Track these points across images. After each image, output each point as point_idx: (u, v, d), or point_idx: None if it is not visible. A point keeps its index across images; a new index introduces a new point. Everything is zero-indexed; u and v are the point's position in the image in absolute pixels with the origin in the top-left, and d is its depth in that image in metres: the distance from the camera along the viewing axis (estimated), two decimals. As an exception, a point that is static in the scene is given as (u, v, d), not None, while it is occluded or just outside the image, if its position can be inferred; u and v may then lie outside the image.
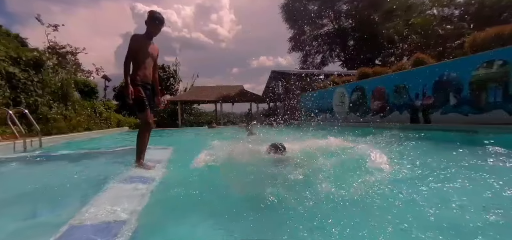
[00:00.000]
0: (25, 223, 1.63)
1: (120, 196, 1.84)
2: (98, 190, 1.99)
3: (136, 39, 2.93)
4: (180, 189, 2.06)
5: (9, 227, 1.53)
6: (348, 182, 1.99)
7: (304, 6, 27.82)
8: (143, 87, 2.93)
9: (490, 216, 1.44)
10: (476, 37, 7.20)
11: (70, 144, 6.56)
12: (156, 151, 4.04)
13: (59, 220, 1.46)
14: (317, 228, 1.40)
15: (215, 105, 21.09)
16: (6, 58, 8.14)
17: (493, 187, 1.85)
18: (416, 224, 1.38)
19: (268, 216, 1.62)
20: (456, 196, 1.73)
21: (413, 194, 1.80)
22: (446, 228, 1.34)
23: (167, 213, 1.73)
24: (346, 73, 17.89)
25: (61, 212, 1.71)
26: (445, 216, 1.48)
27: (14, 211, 1.84)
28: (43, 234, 1.33)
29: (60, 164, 3.61)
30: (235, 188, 2.20)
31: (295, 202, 1.73)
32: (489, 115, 5.95)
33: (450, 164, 2.51)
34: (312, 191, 1.87)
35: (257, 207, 1.70)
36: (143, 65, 2.96)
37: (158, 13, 3.00)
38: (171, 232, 1.45)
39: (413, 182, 2.08)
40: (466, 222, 1.39)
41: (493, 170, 2.38)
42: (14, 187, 2.53)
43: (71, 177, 2.73)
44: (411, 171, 2.33)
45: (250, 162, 2.92)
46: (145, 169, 2.80)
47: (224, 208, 1.77)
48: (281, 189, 1.96)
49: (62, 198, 2.05)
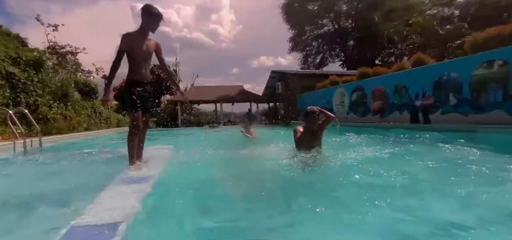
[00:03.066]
0: (24, 223, 1.63)
1: (119, 196, 1.84)
2: (97, 190, 1.99)
3: (127, 38, 2.72)
4: (178, 188, 2.07)
5: (7, 228, 1.53)
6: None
7: (304, 6, 27.84)
8: (140, 87, 2.83)
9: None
10: (476, 37, 7.20)
11: (70, 144, 6.55)
12: (155, 151, 4.03)
13: (57, 220, 1.46)
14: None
15: (215, 105, 21.09)
16: (6, 58, 8.14)
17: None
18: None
19: (267, 214, 1.62)
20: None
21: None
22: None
23: (165, 212, 1.73)
24: (346, 73, 17.88)
25: (59, 213, 1.71)
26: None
27: (13, 211, 1.84)
28: (42, 234, 1.33)
29: (59, 164, 3.61)
30: (231, 187, 2.21)
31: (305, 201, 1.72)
32: (489, 115, 5.95)
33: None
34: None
35: (255, 206, 1.70)
36: (139, 63, 2.81)
37: (155, 7, 2.80)
38: (170, 232, 1.45)
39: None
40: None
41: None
42: (14, 187, 2.52)
43: (70, 177, 2.73)
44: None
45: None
46: (140, 169, 2.72)
47: (222, 207, 1.78)
48: (280, 186, 1.96)
49: (61, 198, 2.05)
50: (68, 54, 19.43)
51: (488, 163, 2.53)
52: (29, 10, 42.32)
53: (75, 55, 19.91)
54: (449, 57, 11.35)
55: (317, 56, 30.93)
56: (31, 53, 9.10)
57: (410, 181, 2.20)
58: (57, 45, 18.77)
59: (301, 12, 27.81)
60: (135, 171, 2.68)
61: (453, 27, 14.59)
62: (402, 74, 8.83)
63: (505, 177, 2.19)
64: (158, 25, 2.89)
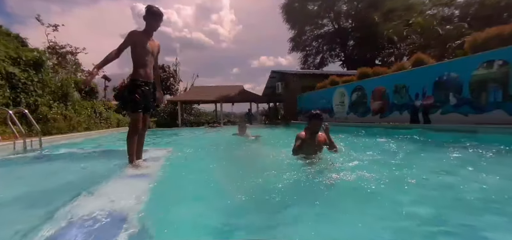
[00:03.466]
0: (23, 224, 1.63)
1: (117, 195, 1.84)
2: (96, 189, 1.99)
3: (134, 34, 2.86)
4: (177, 188, 2.07)
5: (6, 228, 1.53)
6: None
7: (304, 6, 27.85)
8: (143, 86, 2.87)
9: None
10: (476, 37, 7.19)
11: (70, 144, 6.55)
12: (155, 151, 4.03)
13: (57, 219, 1.46)
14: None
15: (215, 105, 21.10)
16: (6, 58, 8.14)
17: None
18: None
19: (265, 213, 1.62)
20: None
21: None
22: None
23: (164, 211, 1.73)
24: (346, 73, 17.88)
25: (59, 212, 1.71)
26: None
27: (13, 211, 1.84)
28: (41, 233, 1.33)
29: (59, 164, 3.61)
30: (231, 185, 2.21)
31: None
32: (489, 115, 5.95)
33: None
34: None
35: (256, 206, 1.70)
36: (143, 63, 2.88)
37: (156, 7, 2.93)
38: (167, 229, 1.45)
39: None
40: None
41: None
42: (14, 187, 2.52)
43: (69, 176, 2.73)
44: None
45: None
46: (139, 169, 2.74)
47: (221, 205, 1.78)
48: (277, 184, 1.96)
49: (60, 197, 2.04)
50: (68, 54, 19.44)
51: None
52: (29, 10, 42.43)
53: (75, 55, 19.93)
54: (449, 57, 11.35)
55: (317, 56, 30.95)
56: (31, 53, 9.10)
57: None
58: (57, 45, 18.78)
59: (301, 12, 27.82)
60: (134, 170, 2.68)
61: (453, 27, 14.60)
62: (402, 74, 8.82)
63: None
64: (159, 23, 3.00)
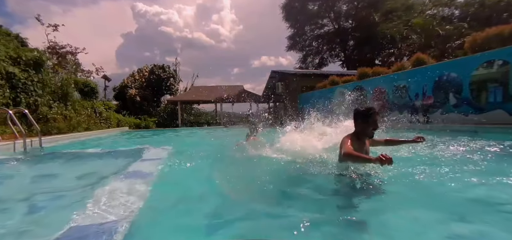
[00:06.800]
0: (23, 223, 1.63)
1: (118, 195, 1.84)
2: (96, 189, 1.99)
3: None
4: (177, 187, 2.07)
5: (6, 228, 1.53)
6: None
7: (304, 6, 27.84)
8: None
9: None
10: (476, 37, 7.19)
11: (70, 144, 6.55)
12: (155, 151, 4.03)
13: (57, 219, 1.46)
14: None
15: (215, 105, 21.08)
16: (6, 58, 8.14)
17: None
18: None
19: (264, 212, 1.62)
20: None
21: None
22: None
23: (164, 211, 1.73)
24: (346, 73, 17.87)
25: (59, 212, 1.71)
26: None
27: (12, 211, 1.84)
28: (42, 234, 1.33)
29: (58, 164, 3.61)
30: (229, 184, 2.21)
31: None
32: (489, 115, 5.95)
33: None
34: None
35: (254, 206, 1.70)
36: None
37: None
38: (168, 230, 1.45)
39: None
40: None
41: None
42: (13, 187, 2.52)
43: (69, 176, 2.73)
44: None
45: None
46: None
47: (220, 205, 1.78)
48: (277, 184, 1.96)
49: (60, 197, 2.05)
50: (68, 54, 19.44)
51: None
52: (29, 10, 42.34)
53: (75, 55, 19.92)
54: (449, 57, 11.35)
55: (317, 56, 30.92)
56: (31, 53, 9.09)
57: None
58: (57, 45, 18.79)
59: (301, 12, 27.82)
60: (134, 169, 2.69)
61: (453, 27, 14.61)
62: (402, 74, 8.83)
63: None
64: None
